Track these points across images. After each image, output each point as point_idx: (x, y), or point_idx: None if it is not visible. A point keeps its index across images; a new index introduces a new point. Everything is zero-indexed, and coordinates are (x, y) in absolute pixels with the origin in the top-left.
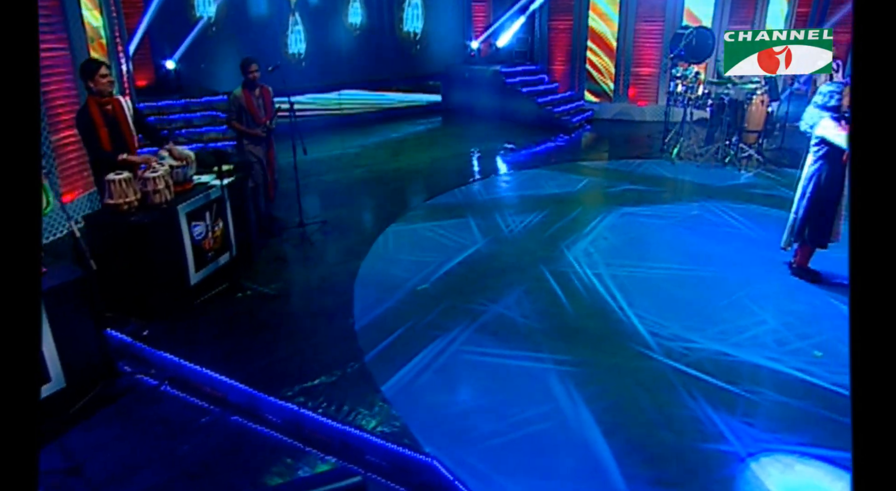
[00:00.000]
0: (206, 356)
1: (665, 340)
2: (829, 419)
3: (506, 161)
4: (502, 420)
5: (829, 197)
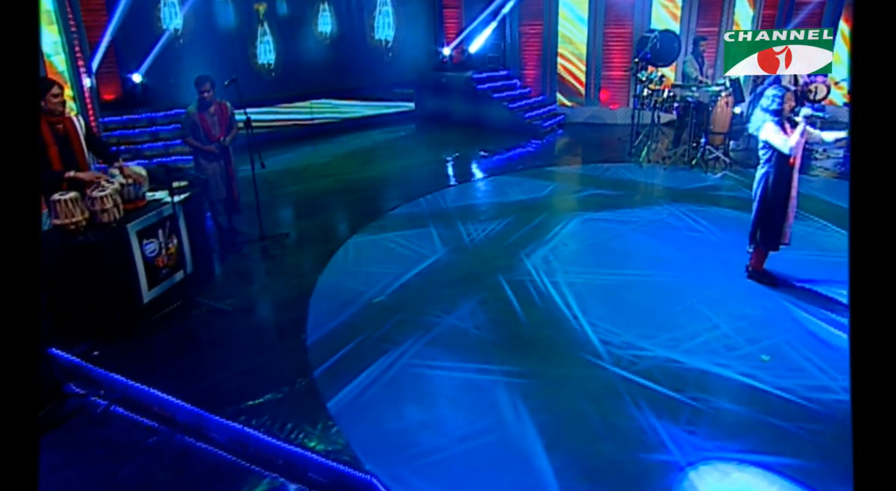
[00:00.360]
0: (155, 375)
1: (616, 349)
2: (770, 425)
3: (475, 168)
4: (444, 435)
5: (777, 200)
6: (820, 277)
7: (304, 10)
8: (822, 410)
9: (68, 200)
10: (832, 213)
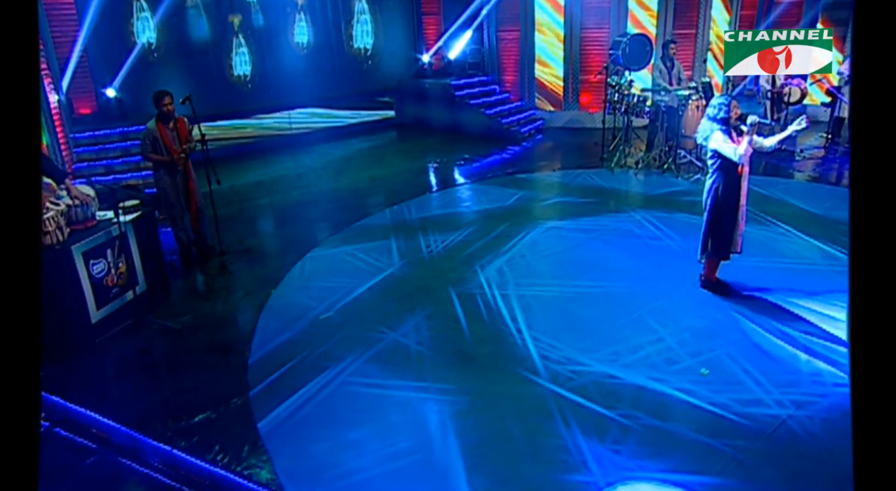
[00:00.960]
0: (97, 396)
1: (554, 364)
2: (698, 442)
3: (447, 177)
4: (368, 455)
5: (727, 208)
6: (775, 285)
7: (279, 21)
8: (753, 426)
9: None
10: (797, 218)
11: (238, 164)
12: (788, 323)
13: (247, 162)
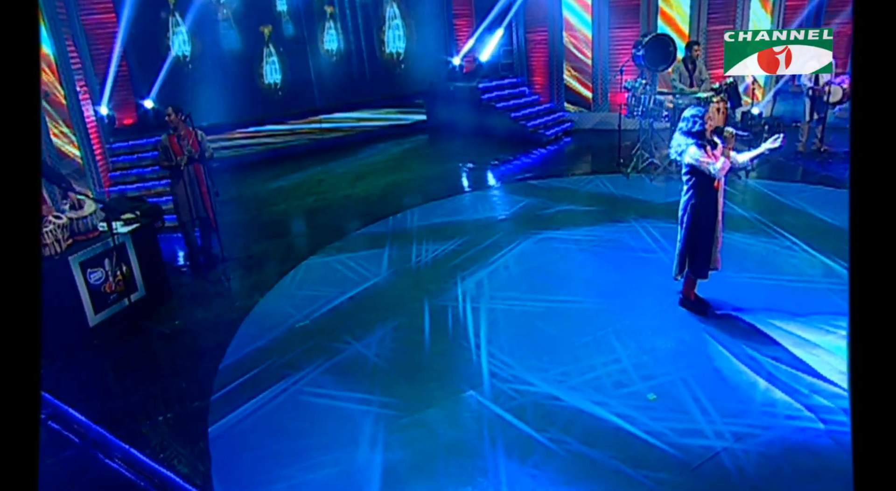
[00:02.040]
0: (82, 394)
1: (501, 383)
2: (618, 472)
3: (458, 183)
4: (295, 464)
5: (705, 226)
6: (760, 305)
7: (309, 30)
8: (681, 458)
9: None
10: (809, 230)
11: (266, 170)
12: (759, 347)
13: (275, 167)
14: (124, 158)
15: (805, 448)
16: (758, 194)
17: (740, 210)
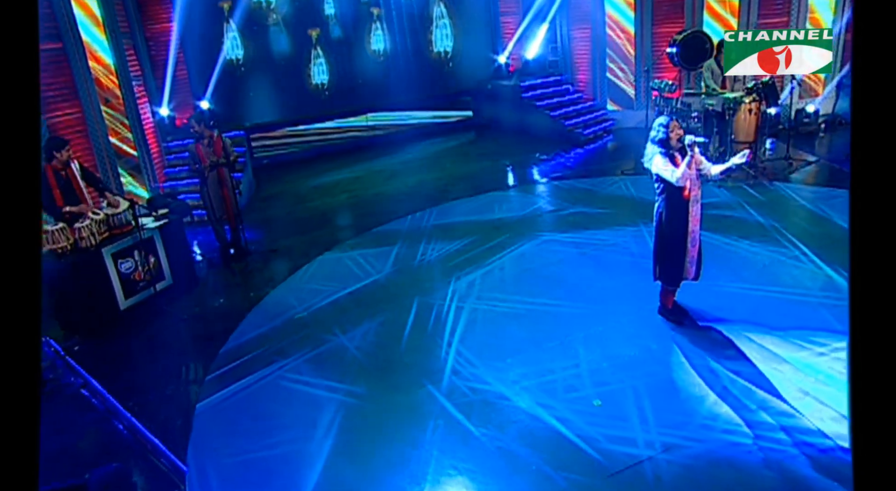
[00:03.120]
0: (108, 369)
1: (460, 380)
2: (540, 471)
3: (483, 183)
4: (259, 440)
5: (673, 235)
6: (742, 316)
7: (356, 32)
8: (603, 463)
9: (54, 231)
10: (825, 239)
11: (310, 168)
12: (723, 360)
13: (319, 165)
14: (179, 156)
15: (730, 463)
16: (785, 200)
17: (758, 216)
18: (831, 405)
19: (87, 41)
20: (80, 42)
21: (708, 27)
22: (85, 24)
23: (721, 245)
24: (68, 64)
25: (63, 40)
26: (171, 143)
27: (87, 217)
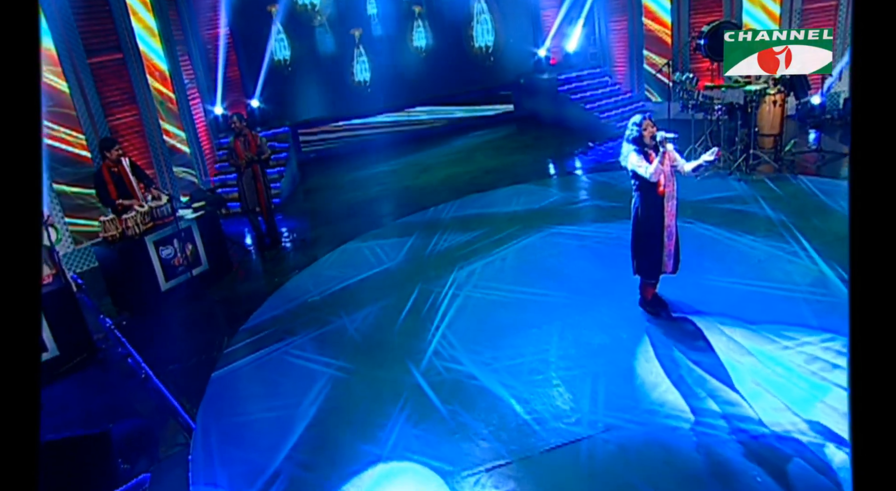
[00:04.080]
0: (149, 341)
1: (438, 360)
2: (486, 440)
3: (506, 176)
4: (257, 406)
5: (648, 230)
6: (719, 309)
7: (398, 30)
8: (544, 437)
9: (106, 222)
10: (830, 235)
11: (351, 162)
12: (688, 350)
13: (359, 159)
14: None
15: (662, 445)
16: (804, 194)
17: (770, 210)
18: (779, 396)
19: (144, 51)
20: (137, 52)
21: (748, 16)
22: (142, 35)
23: (723, 239)
24: (127, 72)
25: (123, 51)
26: (223, 140)
27: (133, 209)
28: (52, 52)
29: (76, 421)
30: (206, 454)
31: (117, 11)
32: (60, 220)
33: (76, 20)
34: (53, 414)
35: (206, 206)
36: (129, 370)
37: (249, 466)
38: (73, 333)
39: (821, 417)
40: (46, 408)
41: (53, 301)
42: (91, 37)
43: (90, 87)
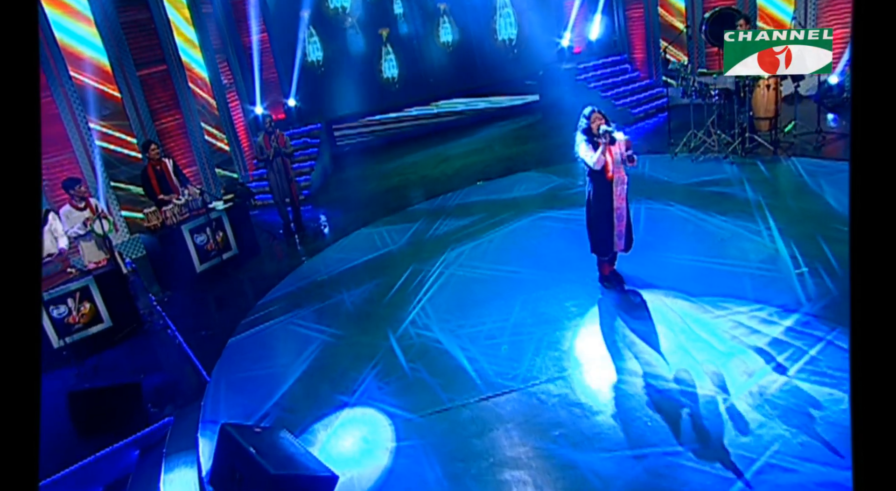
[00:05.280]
0: (185, 315)
1: (412, 327)
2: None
3: (515, 164)
4: (257, 365)
5: (598, 212)
6: (669, 284)
7: (424, 27)
8: (482, 390)
9: (149, 213)
10: (799, 214)
11: (379, 154)
12: (629, 320)
13: (387, 152)
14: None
15: (579, 398)
16: (789, 175)
17: (751, 192)
18: (695, 357)
19: (186, 61)
20: (180, 63)
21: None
22: (184, 48)
23: (695, 220)
24: (172, 81)
25: (167, 63)
26: (257, 138)
27: (172, 202)
28: (107, 67)
29: (123, 378)
30: (215, 401)
31: (161, 28)
32: (117, 212)
33: (126, 38)
34: (106, 372)
35: (235, 198)
36: (167, 338)
37: (246, 409)
38: (123, 308)
39: (725, 375)
40: (101, 367)
41: (108, 281)
42: (139, 52)
43: (139, 96)
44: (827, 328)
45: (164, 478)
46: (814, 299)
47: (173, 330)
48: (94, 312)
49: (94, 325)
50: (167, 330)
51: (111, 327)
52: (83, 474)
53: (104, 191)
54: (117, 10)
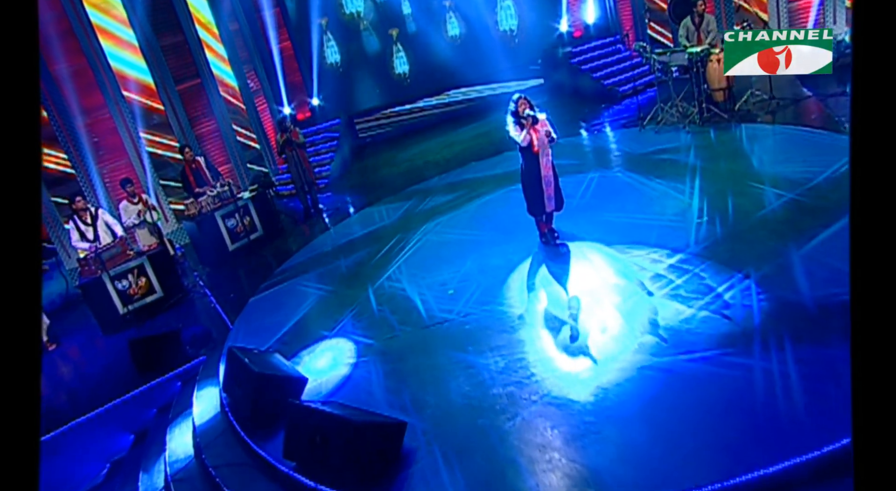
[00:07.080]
0: (220, 287)
1: (387, 282)
2: (391, 324)
3: (507, 145)
4: (266, 317)
5: (529, 180)
6: (593, 237)
7: (431, 24)
8: (426, 320)
9: (188, 204)
10: (724, 174)
11: (394, 144)
12: (552, 265)
13: (402, 141)
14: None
15: (492, 323)
16: (733, 141)
17: (694, 158)
18: (591, 288)
19: (217, 74)
20: (212, 76)
21: None
22: (214, 62)
23: (634, 183)
24: (206, 92)
25: (201, 77)
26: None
27: (206, 194)
28: (151, 85)
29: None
30: (234, 342)
31: (194, 48)
32: (166, 205)
33: (165, 59)
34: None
35: (258, 188)
36: (205, 304)
37: (256, 346)
38: (171, 281)
39: (606, 299)
40: (154, 327)
41: (159, 261)
42: (177, 70)
43: (179, 107)
44: (698, 263)
45: (196, 394)
46: (699, 242)
47: (209, 296)
48: (149, 285)
49: (149, 295)
50: (205, 297)
51: (162, 297)
52: (141, 399)
53: (153, 187)
54: (157, 36)
